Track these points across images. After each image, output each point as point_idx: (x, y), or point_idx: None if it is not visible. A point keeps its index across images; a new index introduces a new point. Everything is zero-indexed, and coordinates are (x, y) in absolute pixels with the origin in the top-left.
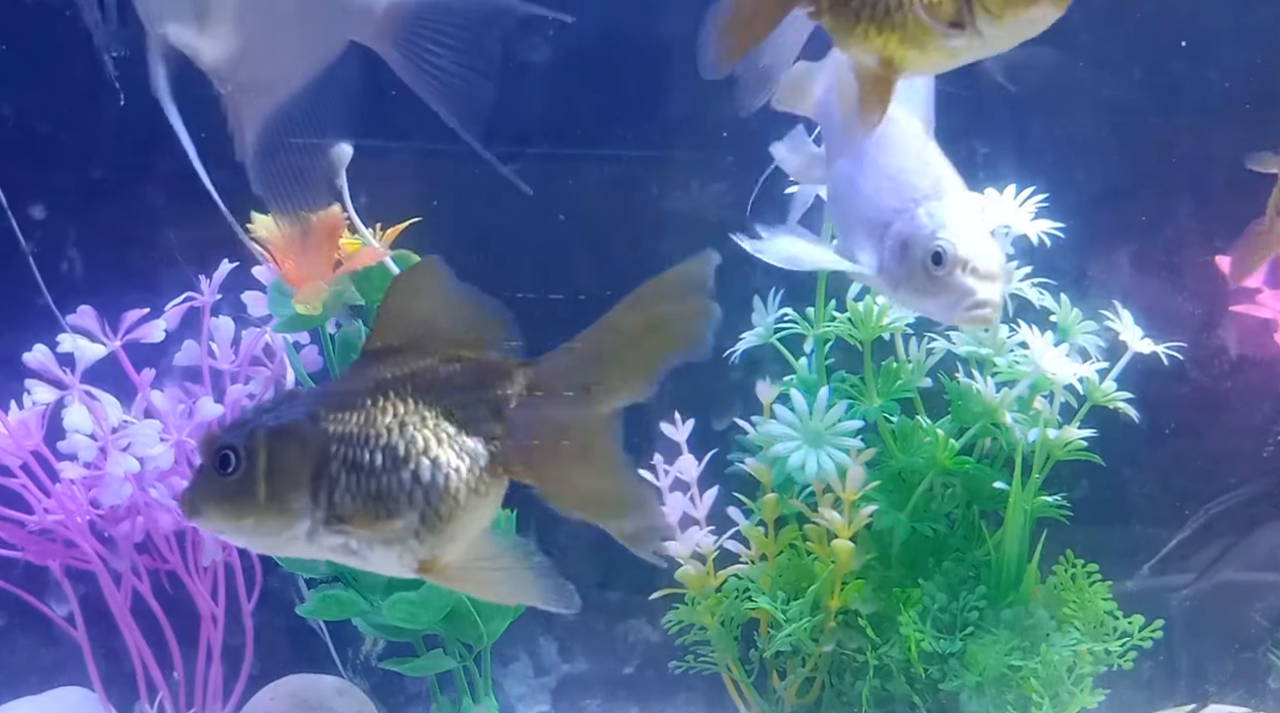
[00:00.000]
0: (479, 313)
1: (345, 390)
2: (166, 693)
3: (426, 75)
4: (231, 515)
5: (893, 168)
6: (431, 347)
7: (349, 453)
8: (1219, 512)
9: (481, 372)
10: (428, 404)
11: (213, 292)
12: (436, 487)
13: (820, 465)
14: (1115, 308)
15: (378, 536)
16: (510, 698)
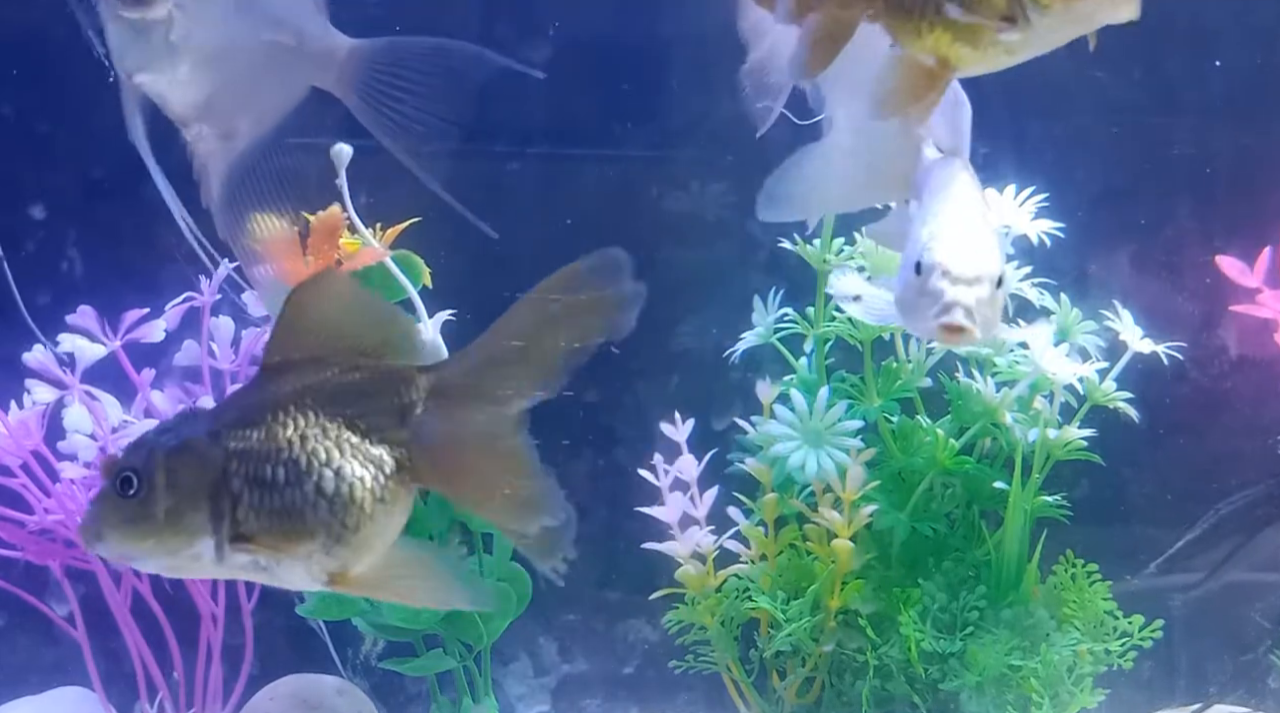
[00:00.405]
0: (380, 320)
1: (245, 406)
2: (166, 693)
3: (387, 121)
4: (133, 538)
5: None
6: (332, 357)
7: (251, 469)
8: (1227, 513)
9: (384, 379)
10: (330, 416)
11: (213, 292)
12: (342, 499)
13: (820, 465)
14: (1115, 308)
15: (285, 551)
16: (510, 698)
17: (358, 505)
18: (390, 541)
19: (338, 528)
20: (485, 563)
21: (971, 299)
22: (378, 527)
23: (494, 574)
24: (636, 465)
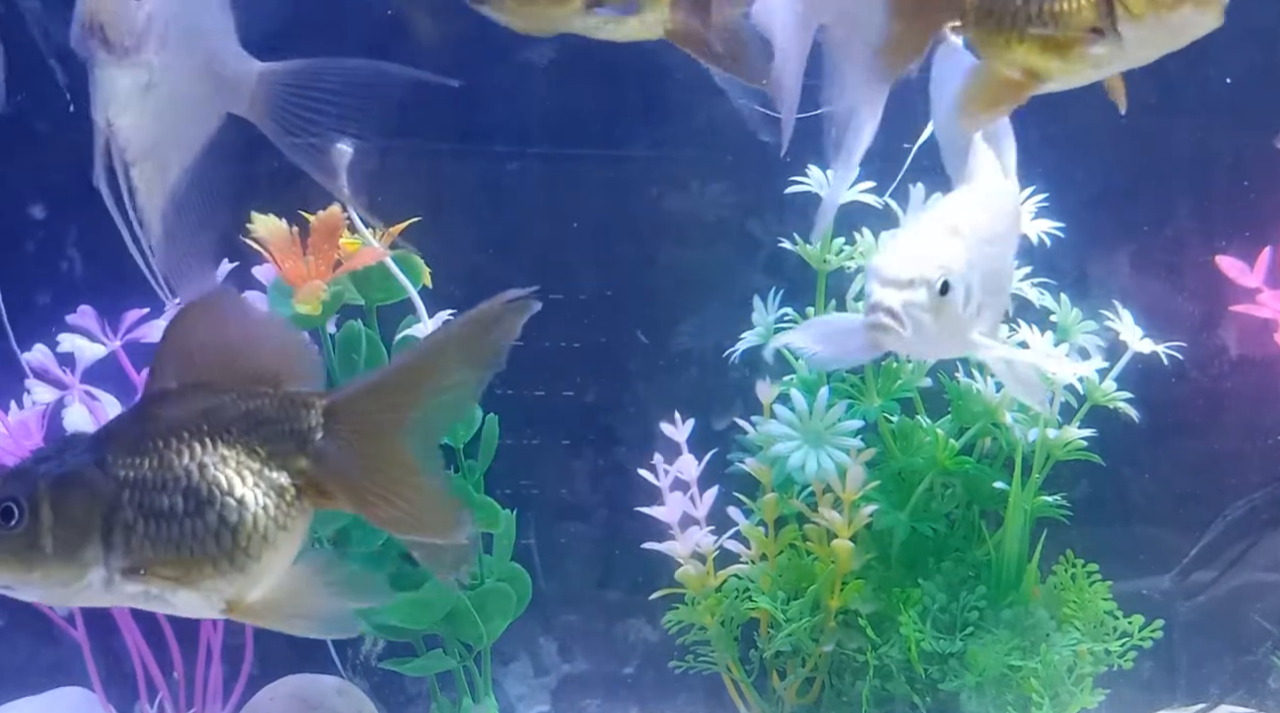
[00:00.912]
0: (276, 345)
1: (134, 433)
2: (166, 693)
3: (301, 142)
4: (18, 570)
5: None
6: (226, 383)
7: (143, 499)
8: (1234, 518)
9: (282, 405)
10: (226, 442)
11: None
12: (245, 527)
13: (820, 465)
14: (1115, 308)
15: (181, 581)
16: (510, 698)
17: (260, 533)
18: (287, 564)
19: (238, 557)
20: (485, 563)
21: (897, 301)
22: (277, 553)
23: (494, 574)
24: (636, 465)
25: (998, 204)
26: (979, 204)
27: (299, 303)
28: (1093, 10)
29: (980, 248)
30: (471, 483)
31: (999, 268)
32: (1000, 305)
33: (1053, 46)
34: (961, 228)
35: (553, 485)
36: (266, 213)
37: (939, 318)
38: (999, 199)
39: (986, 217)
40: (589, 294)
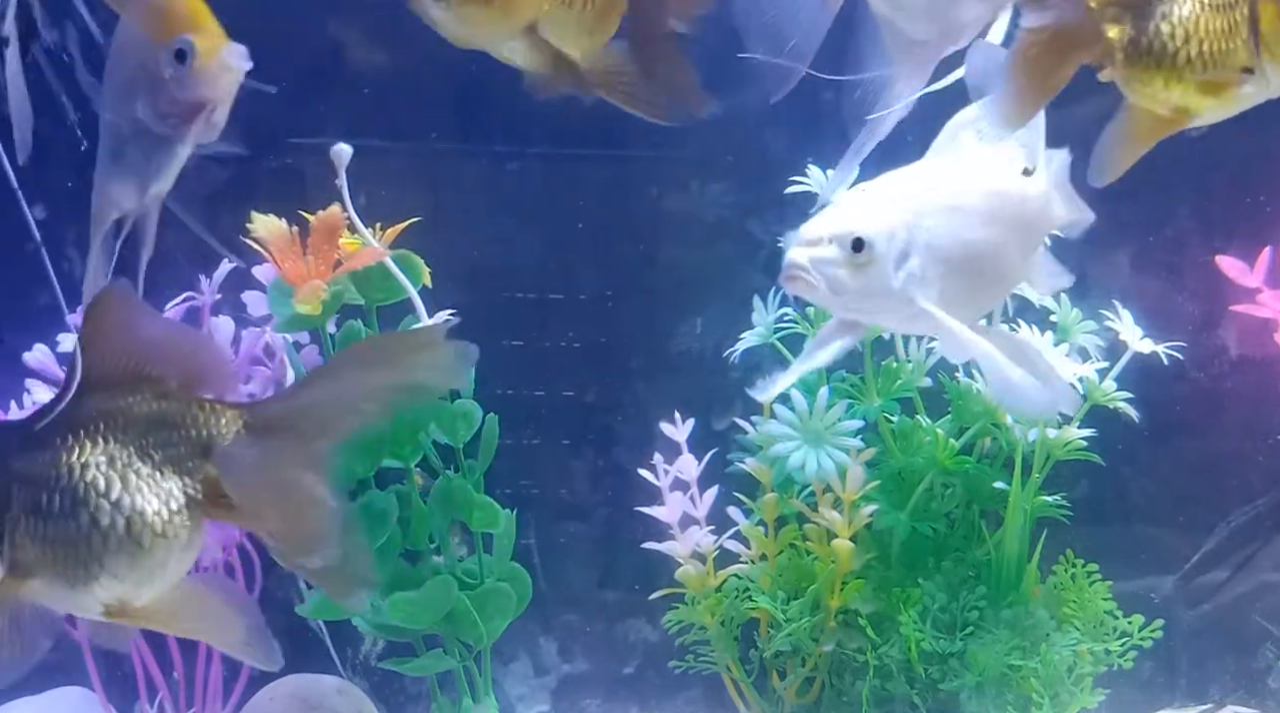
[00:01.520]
0: (188, 351)
1: (38, 428)
2: (166, 693)
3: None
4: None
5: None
6: (136, 384)
7: (31, 496)
8: (1239, 524)
9: (188, 411)
10: (123, 443)
11: (213, 292)
12: (118, 532)
13: (820, 465)
14: (1115, 308)
15: (62, 582)
16: (510, 698)
17: (134, 539)
18: (178, 575)
19: (118, 561)
20: (485, 563)
21: (804, 257)
22: (160, 561)
23: (494, 574)
24: (636, 465)
25: (983, 184)
26: (943, 178)
27: (299, 303)
28: (1246, 51)
29: (937, 220)
30: (471, 483)
31: (977, 249)
32: (988, 290)
33: (1208, 87)
34: (906, 196)
35: (553, 485)
36: (266, 213)
37: (859, 277)
38: (986, 180)
39: (952, 192)
40: (589, 294)
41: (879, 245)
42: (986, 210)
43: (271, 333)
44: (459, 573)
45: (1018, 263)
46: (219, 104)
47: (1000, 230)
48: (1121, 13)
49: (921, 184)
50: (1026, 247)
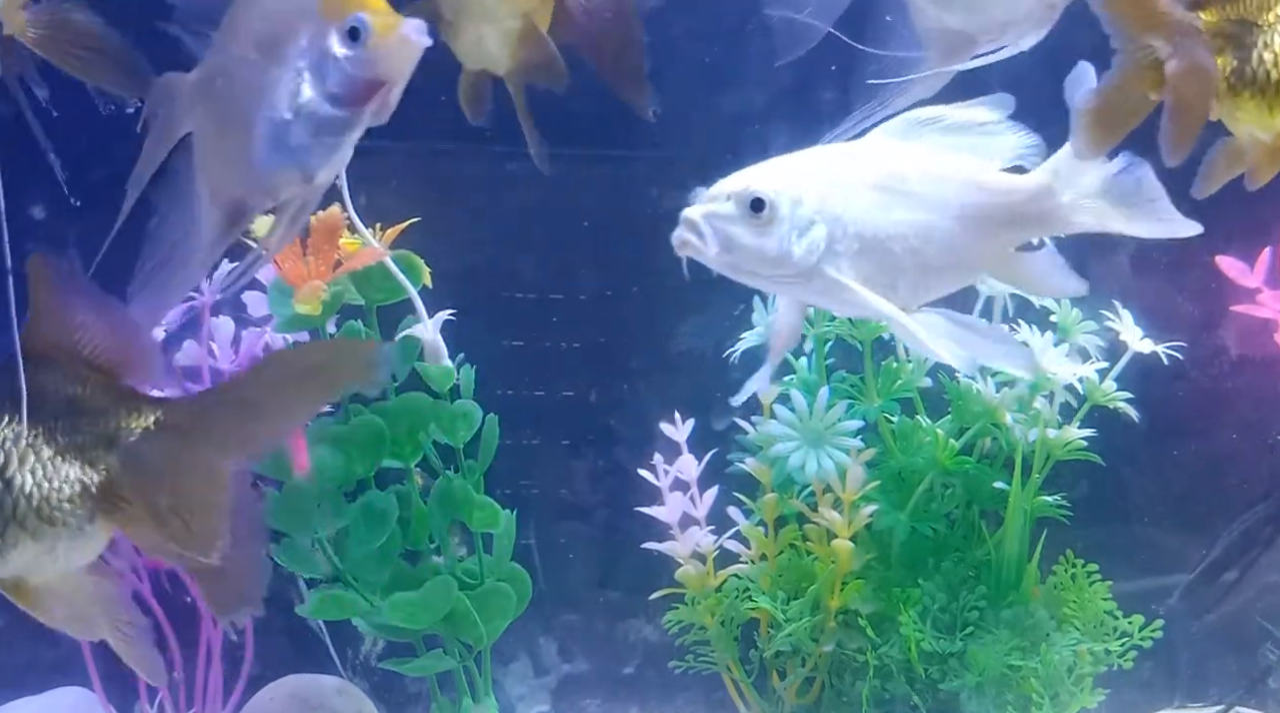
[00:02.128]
0: (126, 338)
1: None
2: (166, 693)
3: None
4: None
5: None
6: (66, 361)
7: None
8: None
9: (108, 397)
10: (34, 421)
11: (213, 292)
12: (15, 510)
13: (820, 465)
14: (1115, 308)
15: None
16: (510, 698)
17: (18, 521)
18: (70, 564)
19: (4, 539)
20: (485, 563)
21: (698, 213)
22: (46, 547)
23: (494, 574)
24: (636, 465)
25: (928, 169)
26: (879, 157)
27: (299, 303)
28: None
29: (858, 195)
30: (471, 483)
31: (905, 231)
32: (931, 275)
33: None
34: (829, 167)
35: (553, 485)
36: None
37: (756, 238)
38: (935, 166)
39: (885, 172)
40: (589, 294)
41: (780, 207)
42: (929, 196)
43: (271, 333)
44: (459, 573)
45: (974, 254)
46: (396, 82)
47: (945, 218)
48: (1223, 44)
49: (851, 160)
50: (989, 239)
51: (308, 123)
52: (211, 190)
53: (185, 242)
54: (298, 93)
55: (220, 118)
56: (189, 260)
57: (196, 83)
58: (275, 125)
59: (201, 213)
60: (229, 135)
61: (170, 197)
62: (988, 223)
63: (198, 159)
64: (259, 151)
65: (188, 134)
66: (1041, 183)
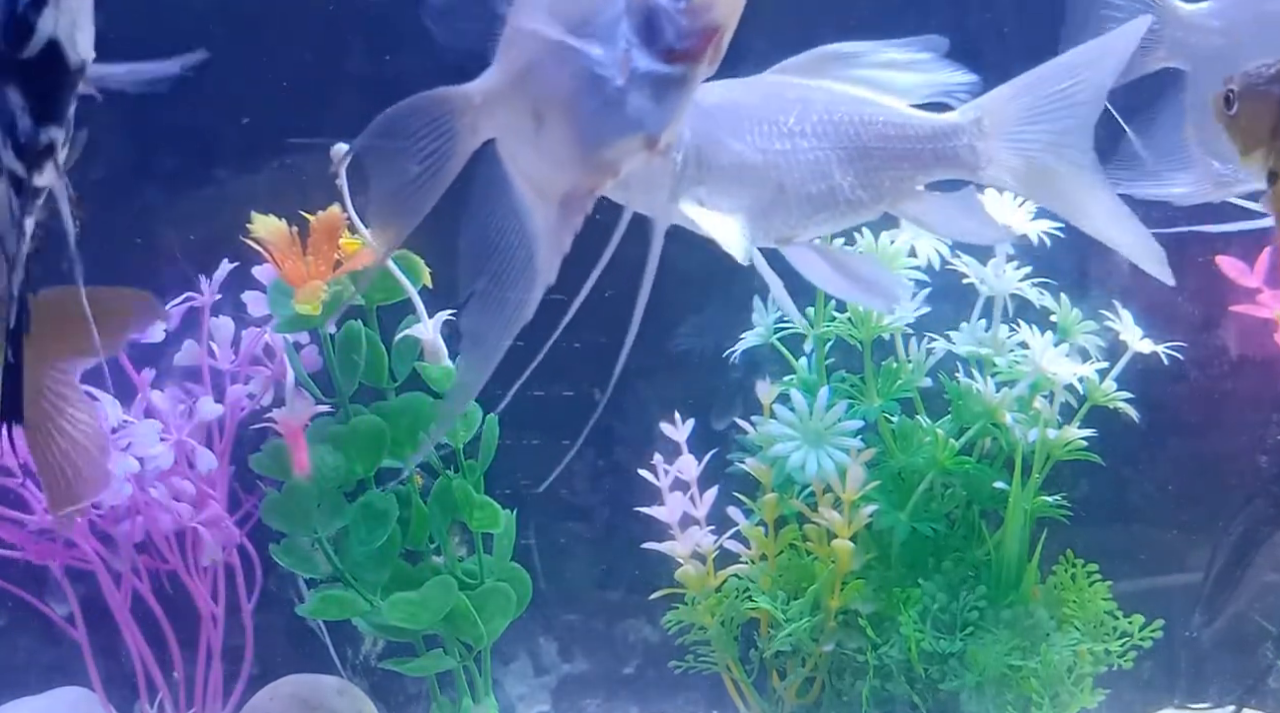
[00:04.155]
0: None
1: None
2: (166, 693)
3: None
4: None
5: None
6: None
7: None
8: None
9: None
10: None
11: (213, 292)
12: None
13: (820, 465)
14: (1115, 308)
15: None
16: (510, 698)
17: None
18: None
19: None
20: (485, 563)
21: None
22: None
23: (494, 574)
24: (636, 465)
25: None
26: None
27: (299, 303)
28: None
29: (737, 127)
30: (471, 483)
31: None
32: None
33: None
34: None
35: (553, 485)
36: (266, 213)
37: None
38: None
39: (769, 104)
40: (589, 294)
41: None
42: (812, 128)
43: (271, 333)
44: (459, 573)
45: (868, 189)
46: (729, 26)
47: (829, 151)
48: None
49: (732, 92)
50: (883, 174)
51: (645, 86)
52: (538, 187)
53: (518, 249)
54: (628, 59)
55: (535, 111)
56: (530, 265)
57: (491, 88)
58: (608, 98)
59: (529, 214)
60: (548, 125)
61: (481, 206)
62: (882, 158)
63: (511, 162)
64: (593, 129)
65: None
66: (951, 122)
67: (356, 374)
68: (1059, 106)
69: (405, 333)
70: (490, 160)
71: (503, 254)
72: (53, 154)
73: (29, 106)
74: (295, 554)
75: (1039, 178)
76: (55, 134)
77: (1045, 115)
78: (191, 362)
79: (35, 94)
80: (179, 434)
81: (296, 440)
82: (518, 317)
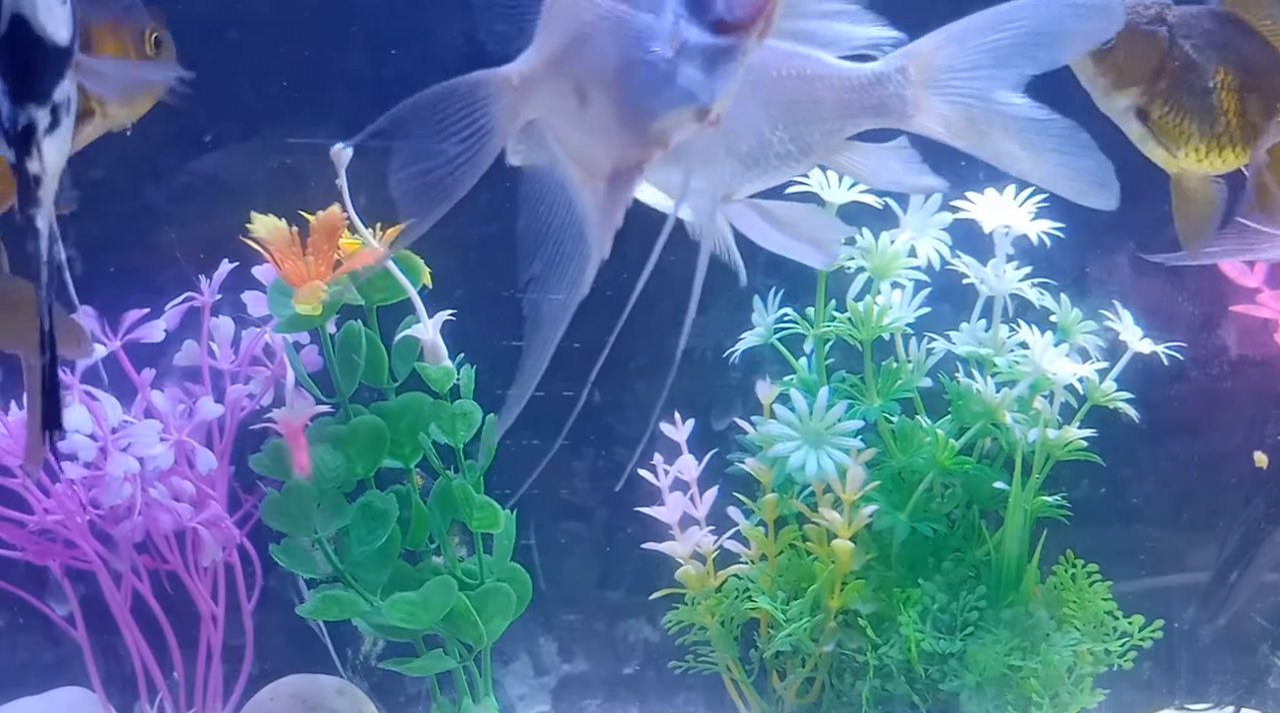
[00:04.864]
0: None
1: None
2: (166, 693)
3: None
4: None
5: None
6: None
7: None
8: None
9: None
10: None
11: (213, 292)
12: None
13: (820, 465)
14: (1115, 308)
15: None
16: (510, 698)
17: None
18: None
19: None
20: (485, 563)
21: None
22: None
23: (494, 574)
24: (637, 466)
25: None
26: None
27: (299, 303)
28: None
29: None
30: (471, 483)
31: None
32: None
33: None
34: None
35: (553, 485)
36: (266, 213)
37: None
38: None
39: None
40: (589, 294)
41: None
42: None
43: (271, 333)
44: (459, 573)
45: (795, 142)
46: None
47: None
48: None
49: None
50: (811, 127)
51: (695, 58)
52: (585, 164)
53: (569, 228)
54: (677, 31)
55: (578, 89)
56: (582, 243)
57: (531, 69)
58: (658, 71)
59: (578, 191)
60: (594, 101)
61: (531, 189)
62: (811, 110)
63: (556, 142)
64: (642, 102)
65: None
66: (876, 71)
67: (356, 374)
68: (988, 56)
69: (405, 333)
70: (536, 142)
71: (555, 235)
72: (34, 136)
73: (6, 88)
74: (295, 554)
75: (968, 126)
76: (35, 114)
77: (974, 64)
78: (191, 362)
79: (9, 72)
80: (179, 434)
81: (296, 440)
82: (574, 295)
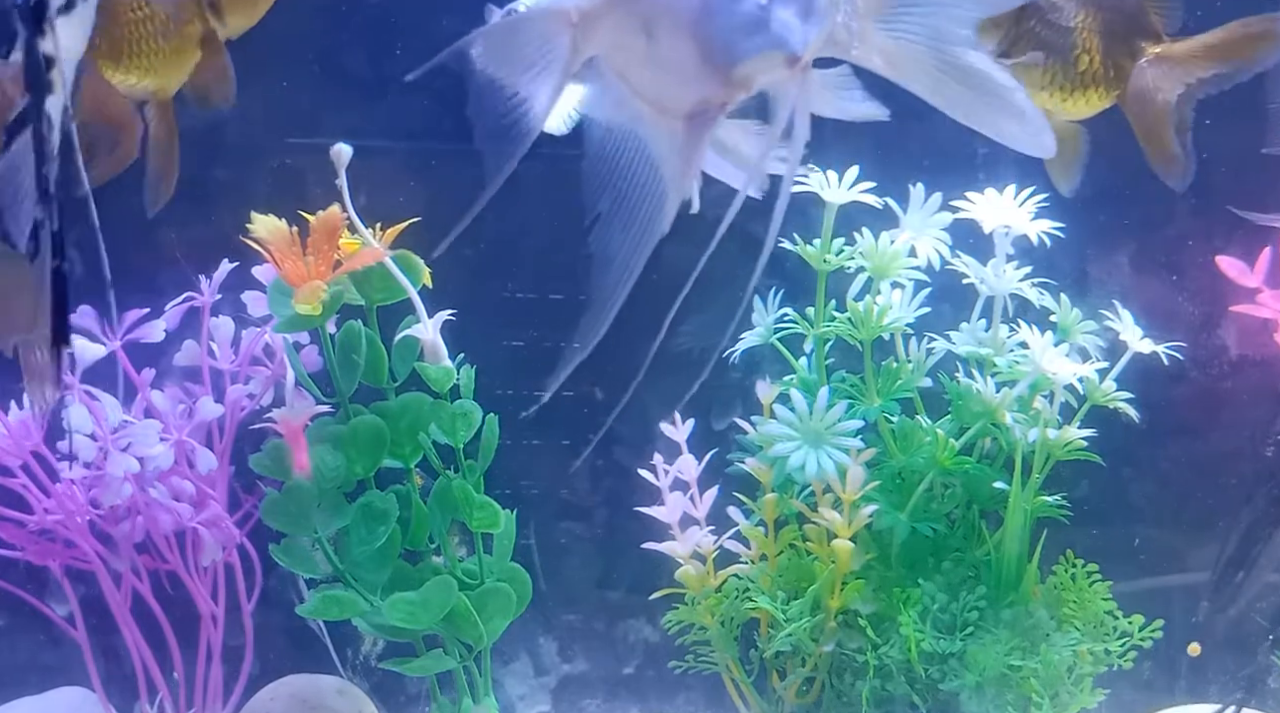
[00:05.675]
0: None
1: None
2: (166, 693)
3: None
4: None
5: None
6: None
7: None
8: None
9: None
10: None
11: (213, 292)
12: None
13: (820, 465)
14: (1115, 308)
15: None
16: (510, 698)
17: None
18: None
19: None
20: (485, 563)
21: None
22: None
23: (494, 574)
24: (636, 465)
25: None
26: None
27: (299, 303)
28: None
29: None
30: (471, 483)
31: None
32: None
33: None
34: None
35: (553, 485)
36: (266, 213)
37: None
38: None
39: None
40: (589, 294)
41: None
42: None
43: (271, 333)
44: (459, 573)
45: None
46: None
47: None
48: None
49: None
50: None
51: (792, 4)
52: (656, 102)
53: (639, 164)
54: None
55: (645, 26)
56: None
57: (590, 5)
58: (749, 13)
59: (649, 128)
60: (664, 40)
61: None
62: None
63: (621, 78)
64: (727, 44)
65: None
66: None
67: (356, 374)
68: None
69: (405, 333)
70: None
71: (624, 171)
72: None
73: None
74: (295, 554)
75: (913, 66)
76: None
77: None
78: (191, 362)
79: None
80: (179, 434)
81: (296, 440)
82: (651, 234)
